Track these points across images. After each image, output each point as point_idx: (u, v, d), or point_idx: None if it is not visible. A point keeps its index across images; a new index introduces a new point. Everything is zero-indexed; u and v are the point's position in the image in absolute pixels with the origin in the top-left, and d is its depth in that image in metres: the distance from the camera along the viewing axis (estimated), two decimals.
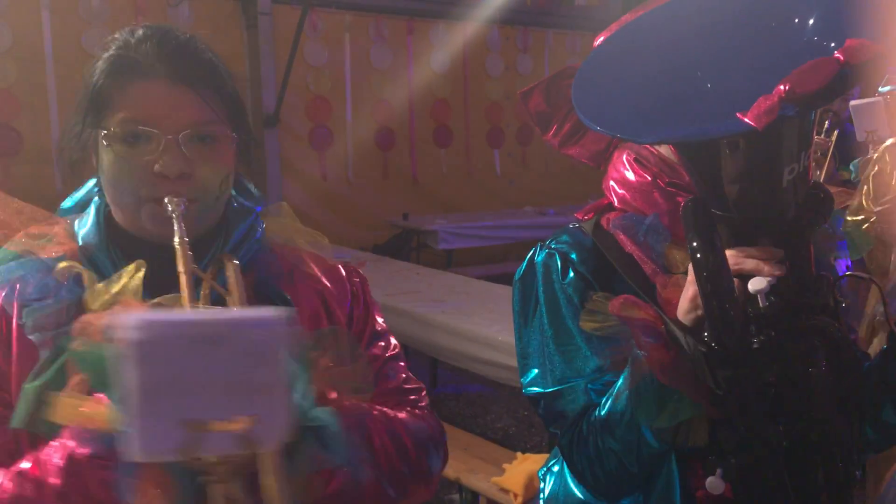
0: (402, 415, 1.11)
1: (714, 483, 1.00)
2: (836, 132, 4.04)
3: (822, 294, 1.01)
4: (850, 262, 3.82)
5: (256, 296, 1.07)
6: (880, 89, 4.13)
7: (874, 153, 3.51)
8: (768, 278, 0.94)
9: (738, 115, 0.85)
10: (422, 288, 3.93)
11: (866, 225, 3.35)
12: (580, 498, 1.25)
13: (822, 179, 3.92)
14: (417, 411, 1.15)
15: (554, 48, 8.32)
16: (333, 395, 0.99)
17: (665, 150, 1.19)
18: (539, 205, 7.36)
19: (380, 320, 1.21)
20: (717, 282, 0.90)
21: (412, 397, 1.17)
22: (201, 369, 0.75)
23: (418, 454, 1.09)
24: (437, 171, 7.54)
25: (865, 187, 3.46)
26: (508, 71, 7.94)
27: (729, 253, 0.98)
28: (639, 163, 1.23)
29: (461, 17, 7.20)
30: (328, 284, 1.16)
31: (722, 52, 0.98)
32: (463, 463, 2.86)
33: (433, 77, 7.41)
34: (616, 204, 1.25)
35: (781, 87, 0.83)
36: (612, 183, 1.26)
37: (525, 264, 1.25)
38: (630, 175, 1.23)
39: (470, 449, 2.97)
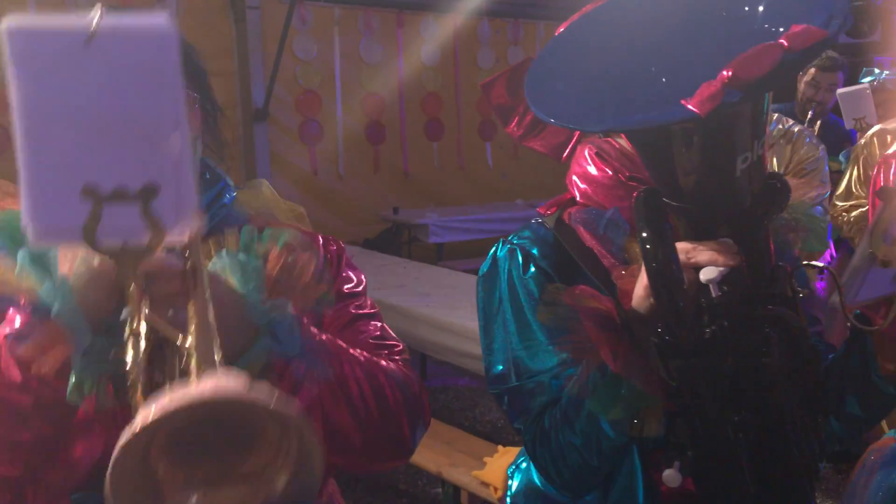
0: (384, 361, 1.08)
1: (671, 476, 0.99)
2: (818, 122, 4.04)
3: (779, 284, 1.00)
4: (833, 251, 3.81)
5: None
6: (861, 80, 4.14)
7: (862, 140, 3.51)
8: (720, 268, 0.93)
9: (682, 101, 0.84)
10: (408, 282, 3.92)
11: (857, 212, 3.35)
12: (545, 493, 1.24)
13: None
14: (395, 365, 1.11)
15: (545, 40, 8.24)
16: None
17: (627, 143, 1.18)
18: (532, 198, 7.34)
19: (356, 286, 1.20)
20: (665, 272, 0.89)
21: (387, 352, 1.13)
22: (84, 87, 0.70)
23: (397, 404, 1.05)
24: (429, 164, 7.52)
25: (854, 172, 3.46)
26: (500, 63, 7.90)
27: (683, 244, 0.97)
28: (600, 157, 1.22)
29: (451, 10, 7.16)
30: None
31: (673, 39, 0.97)
32: (446, 457, 2.86)
33: (423, 70, 7.37)
34: (578, 198, 1.25)
35: (725, 72, 0.82)
36: (574, 177, 1.26)
37: (488, 261, 1.25)
38: (592, 169, 1.23)
39: (453, 443, 2.96)
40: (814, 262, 0.99)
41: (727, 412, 0.95)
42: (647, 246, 0.90)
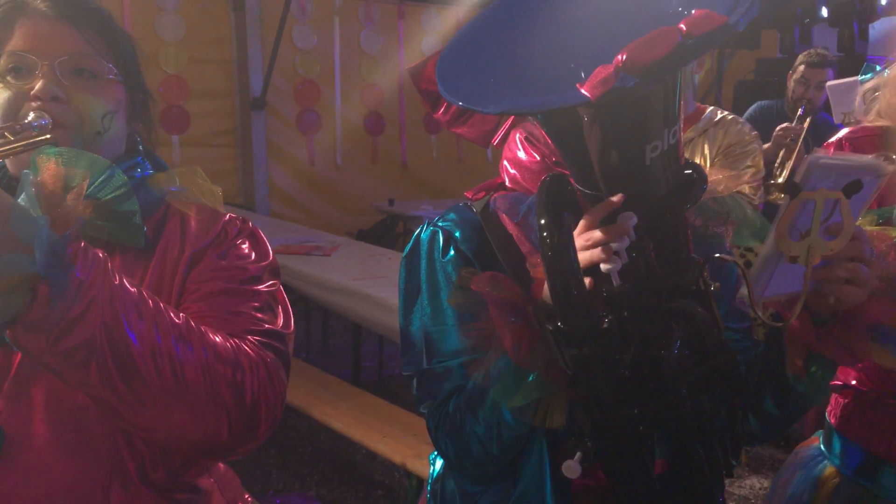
0: (215, 336, 1.03)
1: (570, 467, 0.97)
2: (808, 119, 4.00)
3: (689, 277, 0.98)
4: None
5: None
6: (861, 76, 4.08)
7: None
8: (621, 258, 0.92)
9: (577, 85, 0.82)
10: (390, 273, 3.91)
11: None
12: (453, 483, 1.23)
13: (792, 165, 3.89)
14: (249, 348, 1.06)
15: None
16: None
17: None
18: None
19: (250, 262, 1.19)
20: (561, 260, 0.88)
21: (257, 337, 1.09)
22: None
23: (208, 377, 0.99)
24: (427, 156, 7.49)
25: None
26: None
27: (589, 233, 0.95)
28: (529, 142, 1.21)
29: (453, 2, 7.12)
30: (193, 224, 1.20)
31: (585, 23, 0.95)
32: (410, 448, 2.84)
33: None
34: (507, 183, 1.23)
35: (619, 57, 0.80)
36: (505, 162, 1.25)
37: (411, 241, 1.23)
38: (521, 154, 1.21)
39: (420, 434, 2.95)
40: (725, 256, 0.97)
41: (626, 404, 0.94)
42: (544, 234, 0.89)
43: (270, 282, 1.20)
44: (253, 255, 1.21)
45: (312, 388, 3.49)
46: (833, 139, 1.48)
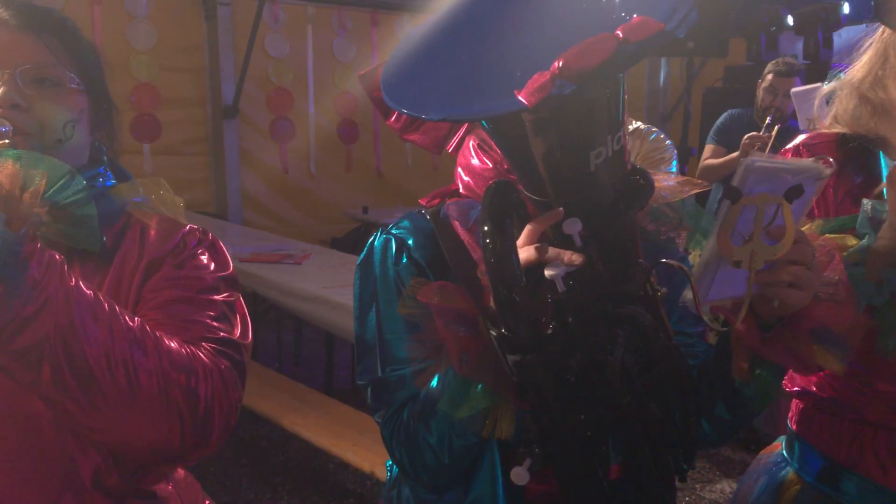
0: (170, 342, 1.04)
1: (518, 474, 0.97)
2: (776, 127, 4.04)
3: (636, 282, 0.99)
4: None
5: None
6: (827, 82, 4.14)
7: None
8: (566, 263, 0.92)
9: (515, 92, 0.82)
10: None
11: None
12: (408, 490, 1.22)
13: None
14: (203, 355, 1.07)
15: None
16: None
17: None
18: None
19: (209, 277, 1.19)
20: (503, 267, 0.88)
21: (210, 346, 1.10)
22: None
23: (161, 382, 0.99)
24: (402, 164, 7.50)
25: None
26: None
27: (530, 239, 0.96)
28: (482, 149, 1.21)
29: (426, 10, 7.10)
30: (153, 234, 1.20)
31: (531, 29, 0.95)
32: (380, 456, 2.83)
33: None
34: (461, 190, 1.23)
35: (556, 63, 0.80)
36: (459, 169, 1.25)
37: (365, 249, 1.23)
38: (475, 161, 1.22)
39: None
40: (671, 261, 0.97)
41: (573, 410, 0.94)
42: (486, 240, 0.88)
43: (228, 293, 1.20)
44: (212, 265, 1.21)
45: (282, 397, 3.47)
46: (790, 145, 1.48)
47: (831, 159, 0.97)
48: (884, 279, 1.19)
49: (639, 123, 2.70)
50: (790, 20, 5.35)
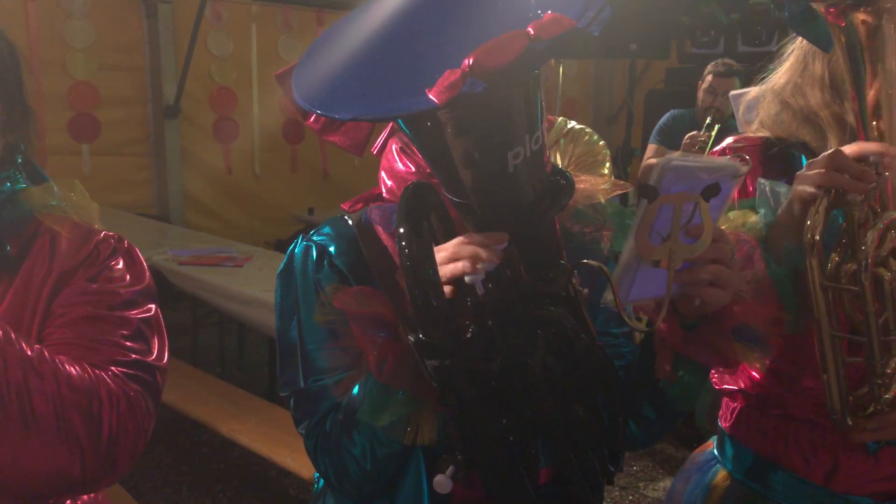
0: (71, 367, 0.99)
1: (441, 482, 0.95)
2: (717, 126, 4.11)
3: (558, 283, 0.98)
4: None
5: None
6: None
7: None
8: (485, 265, 0.90)
9: (426, 90, 0.80)
10: None
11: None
12: (332, 500, 1.20)
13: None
14: (110, 379, 1.02)
15: None
16: None
17: None
18: None
19: (124, 291, 1.14)
20: (419, 270, 0.85)
21: (118, 369, 1.05)
22: None
23: (59, 409, 0.95)
24: (349, 165, 7.40)
25: None
26: None
27: (453, 241, 0.94)
28: (405, 152, 1.19)
29: None
30: (64, 243, 1.15)
31: (447, 27, 0.93)
32: None
33: None
34: (385, 194, 1.21)
35: (467, 61, 0.78)
36: (382, 173, 1.23)
37: (286, 257, 1.19)
38: (398, 165, 1.20)
39: None
40: (591, 262, 0.96)
41: (494, 414, 0.92)
42: (402, 243, 0.86)
43: (145, 307, 1.15)
44: (127, 277, 1.16)
45: (220, 403, 3.40)
46: (717, 148, 1.50)
47: (748, 157, 0.97)
48: (784, 252, 1.21)
49: (573, 123, 2.70)
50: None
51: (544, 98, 0.94)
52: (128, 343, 1.08)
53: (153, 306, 1.17)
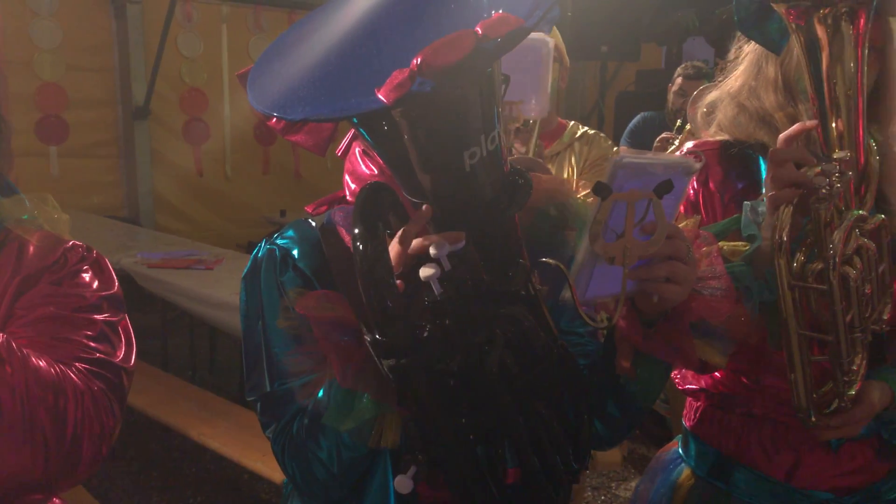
0: (39, 360, 0.98)
1: (402, 482, 0.95)
2: (687, 126, 4.14)
3: (517, 281, 0.98)
4: None
5: None
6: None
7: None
8: (441, 265, 0.90)
9: (375, 90, 0.80)
10: None
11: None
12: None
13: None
14: (75, 375, 1.01)
15: None
16: None
17: None
18: None
19: (90, 295, 1.14)
20: (374, 270, 0.85)
21: (82, 365, 1.05)
22: None
23: (25, 401, 0.94)
24: (321, 166, 7.37)
25: None
26: None
27: (414, 241, 0.94)
28: (367, 155, 1.20)
29: None
30: (31, 250, 1.15)
31: (400, 28, 0.93)
32: None
33: None
34: (349, 197, 1.21)
35: (415, 60, 0.78)
36: (346, 176, 1.23)
37: (250, 261, 1.18)
38: (361, 168, 1.20)
39: None
40: (549, 260, 0.97)
41: (454, 413, 0.92)
42: (357, 243, 0.86)
43: (111, 313, 1.14)
44: (95, 283, 1.16)
45: (190, 407, 3.37)
46: (677, 152, 1.51)
47: (701, 154, 0.98)
48: (767, 277, 1.22)
49: (586, 128, 2.76)
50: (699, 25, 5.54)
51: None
52: (91, 343, 1.07)
53: (121, 314, 1.16)
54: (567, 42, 2.62)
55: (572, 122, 2.78)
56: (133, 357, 1.14)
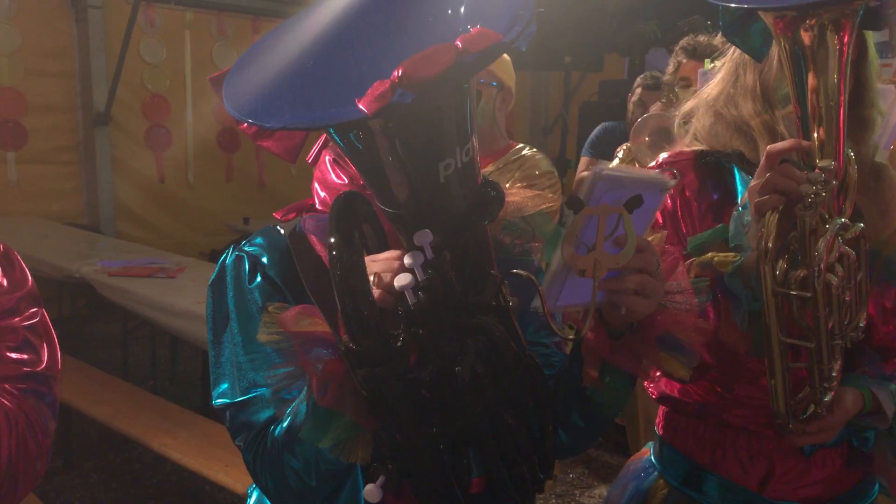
0: None
1: (371, 491, 0.95)
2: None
3: (488, 292, 0.99)
4: None
5: None
6: None
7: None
8: (416, 274, 0.91)
9: (355, 101, 0.81)
10: None
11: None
12: None
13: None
14: (5, 399, 0.98)
15: None
16: None
17: None
18: None
19: (4, 298, 1.09)
20: (349, 279, 0.86)
21: (10, 385, 1.01)
22: None
23: None
24: (286, 173, 7.34)
25: None
26: None
27: (384, 254, 0.94)
28: (338, 164, 1.19)
29: None
30: None
31: (378, 39, 0.94)
32: None
33: None
34: (318, 205, 1.21)
35: (396, 72, 0.79)
36: (316, 185, 1.22)
37: (217, 268, 1.17)
38: (331, 176, 1.20)
39: None
40: (520, 272, 0.98)
41: (424, 423, 0.92)
42: (333, 252, 0.86)
43: (29, 312, 1.10)
44: (5, 282, 1.10)
45: (152, 418, 3.32)
46: (653, 163, 1.51)
47: (675, 171, 1.00)
48: (753, 285, 1.24)
49: (532, 150, 2.77)
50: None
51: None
52: (14, 355, 1.04)
53: (38, 310, 1.12)
54: (531, 53, 2.65)
55: (519, 145, 2.80)
56: (58, 357, 1.10)
